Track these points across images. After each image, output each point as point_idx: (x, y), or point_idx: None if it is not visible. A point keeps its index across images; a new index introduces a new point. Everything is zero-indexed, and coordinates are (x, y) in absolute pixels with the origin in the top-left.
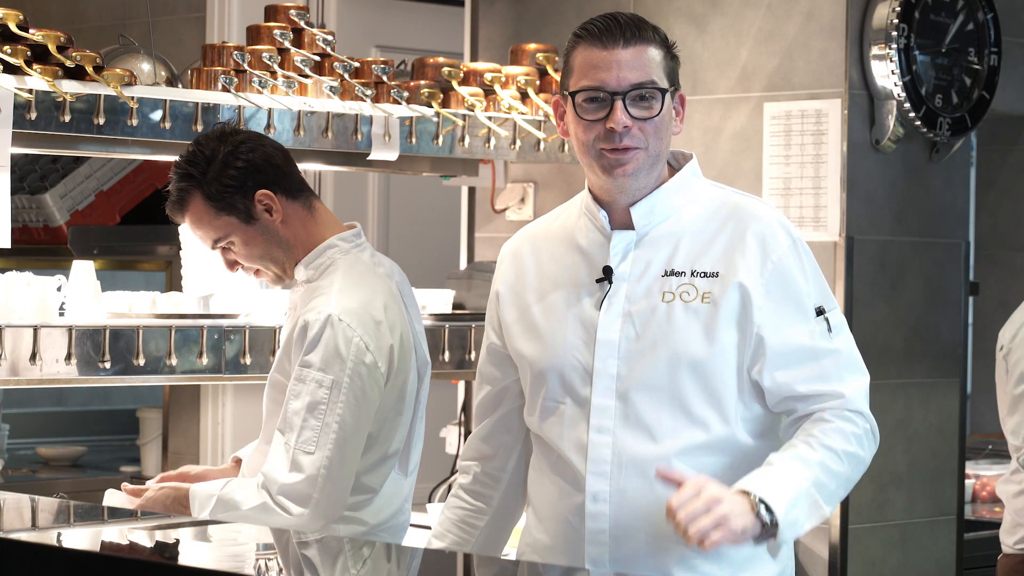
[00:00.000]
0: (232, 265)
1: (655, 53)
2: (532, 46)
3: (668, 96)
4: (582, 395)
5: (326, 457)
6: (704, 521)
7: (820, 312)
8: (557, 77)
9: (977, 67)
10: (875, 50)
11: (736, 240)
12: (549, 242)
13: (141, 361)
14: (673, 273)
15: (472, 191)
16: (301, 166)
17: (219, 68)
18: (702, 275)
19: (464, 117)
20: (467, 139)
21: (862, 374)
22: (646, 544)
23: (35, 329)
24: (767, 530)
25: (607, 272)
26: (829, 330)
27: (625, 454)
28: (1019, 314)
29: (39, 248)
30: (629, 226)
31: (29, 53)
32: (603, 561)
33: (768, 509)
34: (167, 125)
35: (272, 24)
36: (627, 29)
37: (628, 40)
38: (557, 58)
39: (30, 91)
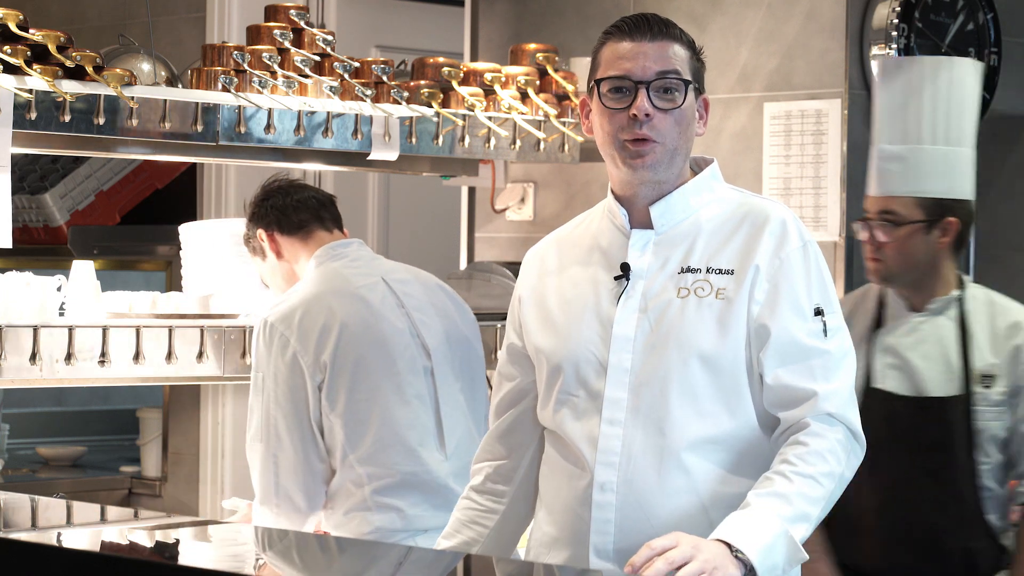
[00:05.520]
0: None
1: (680, 50)
2: (532, 46)
3: (691, 91)
4: (595, 388)
5: (274, 445)
6: (675, 556)
7: (819, 313)
8: (557, 77)
9: None
10: (875, 50)
11: (752, 239)
12: (572, 245)
13: (141, 361)
14: (689, 270)
15: (472, 191)
16: (301, 166)
17: (219, 68)
18: (717, 272)
19: (464, 117)
20: (467, 139)
21: (850, 377)
22: (650, 536)
23: (35, 329)
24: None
25: (625, 269)
26: (825, 332)
27: (635, 446)
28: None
29: (39, 248)
30: (648, 225)
31: (29, 53)
32: (607, 552)
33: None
34: (167, 125)
35: (272, 24)
36: (655, 25)
37: (656, 35)
38: (557, 58)
39: (30, 91)
